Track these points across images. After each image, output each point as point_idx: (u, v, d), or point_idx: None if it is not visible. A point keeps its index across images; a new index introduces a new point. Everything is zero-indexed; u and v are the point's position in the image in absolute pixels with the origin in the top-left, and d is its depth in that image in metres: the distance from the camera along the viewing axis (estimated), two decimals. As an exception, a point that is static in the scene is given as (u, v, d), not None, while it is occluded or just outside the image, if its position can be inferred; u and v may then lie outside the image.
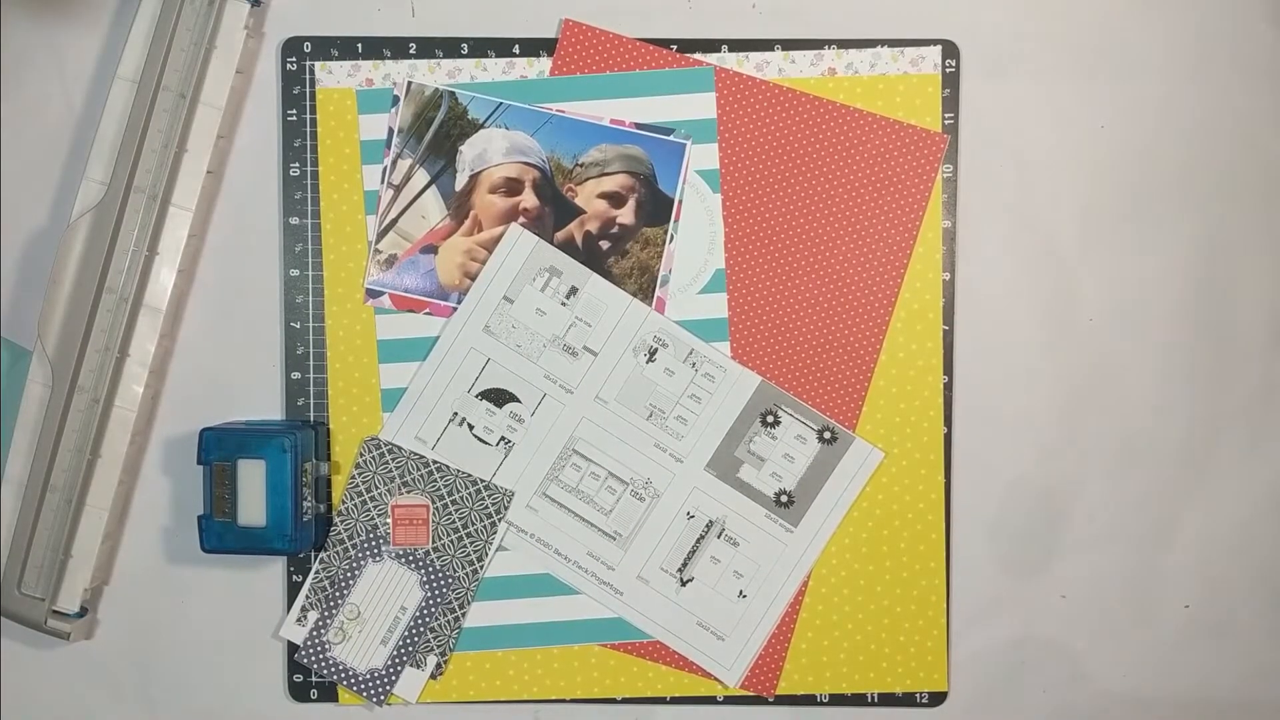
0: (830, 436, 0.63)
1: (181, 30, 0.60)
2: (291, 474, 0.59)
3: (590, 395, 0.63)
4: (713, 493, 0.63)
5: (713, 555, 0.63)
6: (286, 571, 0.64)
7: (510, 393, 0.63)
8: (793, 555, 0.63)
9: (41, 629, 0.61)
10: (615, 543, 0.63)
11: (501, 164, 0.63)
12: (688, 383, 0.63)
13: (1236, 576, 0.65)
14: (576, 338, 0.63)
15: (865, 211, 0.63)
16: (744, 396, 0.63)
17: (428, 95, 0.63)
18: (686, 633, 0.63)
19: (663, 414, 0.63)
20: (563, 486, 0.63)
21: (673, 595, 0.63)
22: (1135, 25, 0.64)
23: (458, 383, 0.63)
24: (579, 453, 0.63)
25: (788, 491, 0.63)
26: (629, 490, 0.63)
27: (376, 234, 0.63)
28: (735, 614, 0.63)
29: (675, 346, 0.63)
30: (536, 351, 0.63)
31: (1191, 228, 0.64)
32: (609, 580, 0.63)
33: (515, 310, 0.63)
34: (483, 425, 0.63)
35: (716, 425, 0.63)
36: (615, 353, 0.63)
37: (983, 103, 0.63)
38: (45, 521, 0.61)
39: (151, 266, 0.61)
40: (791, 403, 0.63)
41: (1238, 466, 0.64)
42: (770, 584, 0.63)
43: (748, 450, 0.63)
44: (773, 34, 0.63)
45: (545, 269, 0.63)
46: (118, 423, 0.61)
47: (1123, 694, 0.65)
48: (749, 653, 0.63)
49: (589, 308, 0.63)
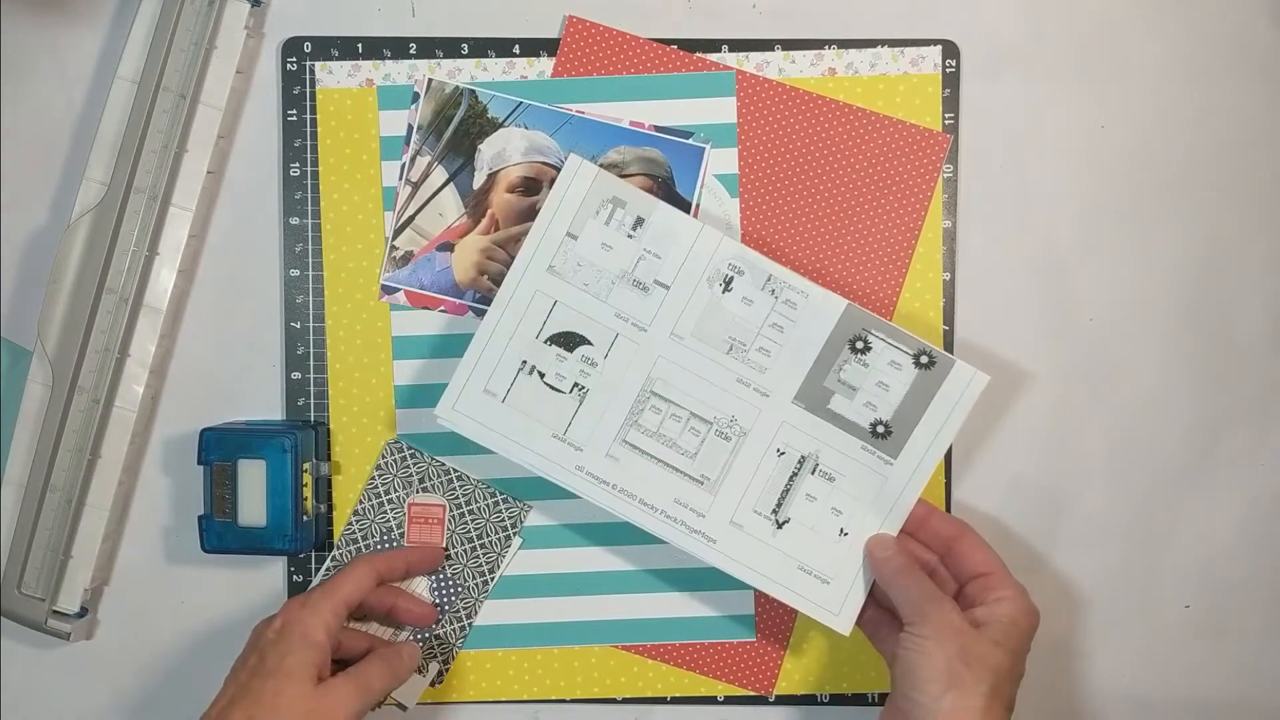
0: (927, 361, 0.59)
1: (181, 30, 0.60)
2: (292, 474, 0.59)
3: (665, 332, 0.59)
4: (803, 427, 0.59)
5: (808, 493, 0.59)
6: (287, 571, 0.64)
7: (580, 335, 0.59)
8: (894, 488, 0.59)
9: (41, 629, 0.61)
10: (703, 487, 0.60)
11: (520, 163, 0.63)
12: (768, 311, 0.59)
13: (1236, 576, 0.65)
14: (646, 271, 0.59)
15: (869, 212, 0.63)
16: (830, 322, 0.59)
17: (448, 93, 0.63)
18: (788, 578, 0.59)
19: (743, 346, 0.59)
20: (643, 431, 0.60)
21: (769, 539, 0.59)
22: (1135, 25, 0.64)
23: (525, 329, 0.59)
24: (658, 394, 0.60)
25: (884, 421, 0.59)
26: (713, 430, 0.60)
27: (393, 230, 0.63)
28: (838, 555, 0.59)
29: (752, 273, 0.59)
30: (605, 289, 0.59)
31: (1191, 228, 0.64)
32: (700, 528, 0.59)
33: (579, 247, 0.59)
34: (554, 372, 0.59)
35: (802, 355, 0.59)
36: (688, 285, 0.59)
37: (983, 103, 0.63)
38: (45, 521, 0.61)
39: (151, 266, 0.61)
40: (882, 326, 0.59)
41: (1238, 466, 0.64)
42: (872, 520, 0.59)
43: (838, 380, 0.59)
44: (773, 34, 0.63)
45: (608, 200, 0.59)
46: (118, 423, 0.61)
47: (1123, 694, 0.65)
48: (856, 596, 0.59)
49: (657, 238, 0.59)
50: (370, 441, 0.63)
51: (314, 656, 0.54)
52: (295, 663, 0.53)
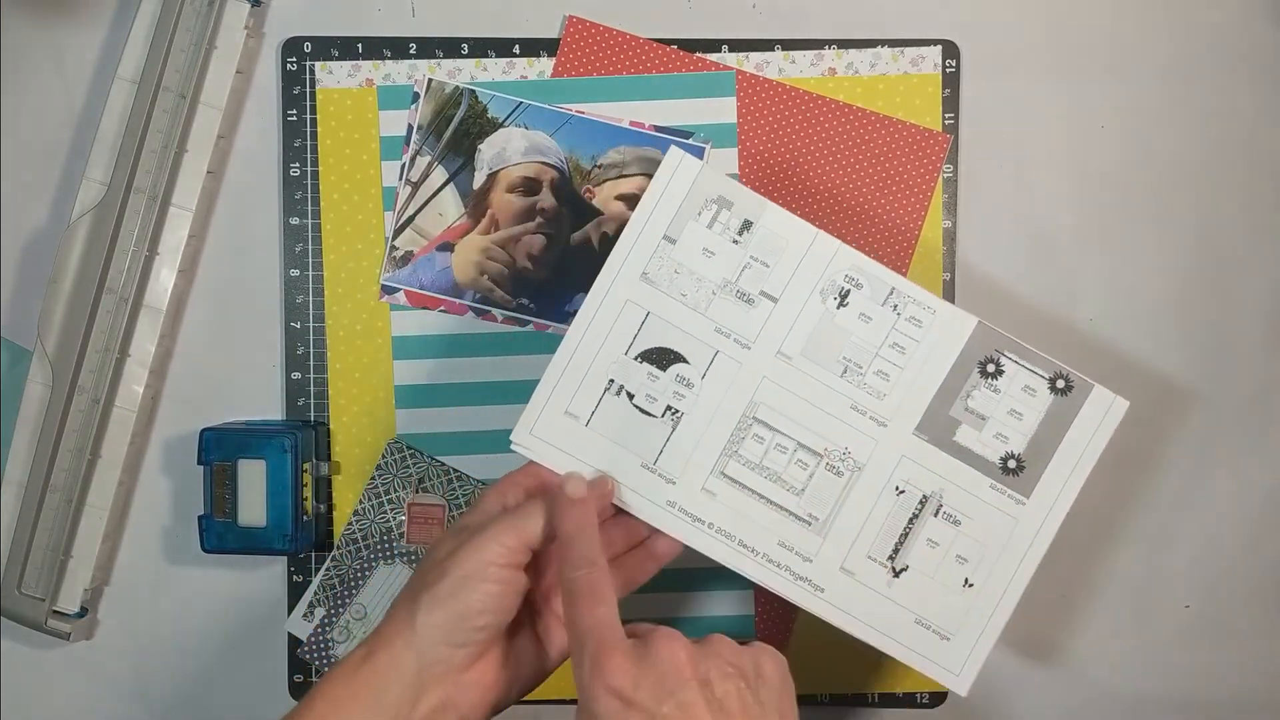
0: (1064, 385, 0.53)
1: (181, 30, 0.60)
2: (291, 474, 0.59)
3: (771, 350, 0.53)
4: (925, 461, 0.53)
5: (929, 538, 0.53)
6: (287, 571, 0.64)
7: (676, 352, 0.54)
8: (1026, 532, 0.53)
9: (41, 629, 0.61)
10: (811, 528, 0.53)
11: (520, 163, 0.63)
12: (889, 329, 0.53)
13: (1236, 576, 0.65)
14: (752, 281, 0.54)
15: (870, 212, 0.63)
16: (959, 343, 0.53)
17: (448, 93, 0.63)
18: (903, 633, 0.53)
19: (859, 369, 0.53)
20: (744, 463, 0.53)
21: (884, 589, 0.53)
22: (1135, 25, 0.64)
23: (613, 343, 0.54)
24: (761, 420, 0.53)
25: (1016, 455, 0.54)
26: (823, 464, 0.53)
27: (393, 230, 0.63)
28: (961, 607, 0.53)
29: (872, 286, 0.54)
30: (705, 300, 0.54)
31: (1191, 228, 0.64)
32: (806, 574, 0.53)
33: (678, 252, 0.54)
34: (644, 393, 0.54)
35: (926, 380, 0.53)
36: (799, 297, 0.53)
37: (983, 103, 0.63)
38: (45, 521, 0.61)
39: (151, 266, 0.61)
40: (1015, 347, 0.54)
41: (1238, 466, 0.64)
42: (1002, 569, 0.53)
43: (965, 408, 0.53)
44: (773, 34, 0.63)
45: (712, 200, 0.54)
46: (118, 423, 0.61)
47: (1123, 694, 0.65)
48: (980, 653, 0.54)
49: (766, 244, 0.53)
50: (370, 441, 0.63)
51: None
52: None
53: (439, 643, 0.48)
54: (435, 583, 0.48)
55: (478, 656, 0.49)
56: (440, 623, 0.48)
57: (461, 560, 0.48)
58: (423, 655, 0.47)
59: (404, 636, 0.48)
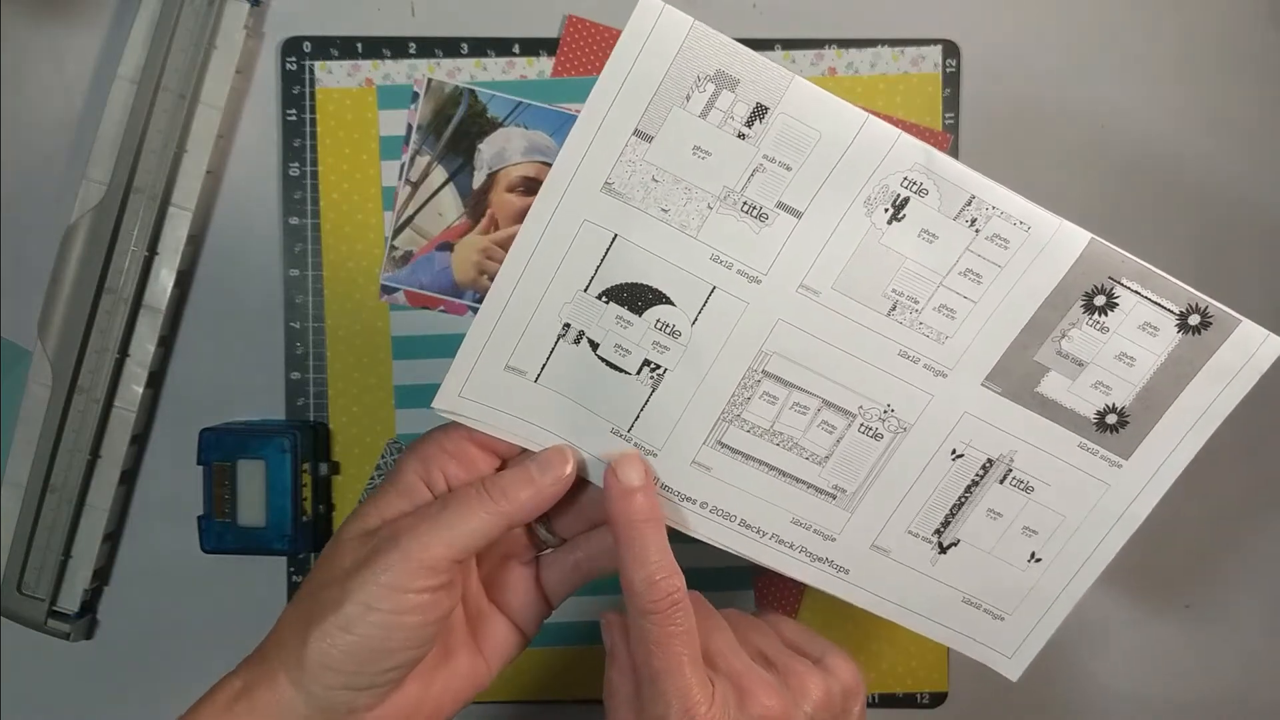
0: (1198, 322, 0.43)
1: (181, 30, 0.60)
2: (291, 474, 0.59)
3: (791, 284, 0.41)
4: (995, 418, 0.43)
5: (991, 508, 0.44)
6: (287, 572, 0.64)
7: (655, 290, 0.41)
8: (1119, 499, 0.44)
9: (41, 629, 0.61)
10: (835, 502, 0.44)
11: (520, 163, 0.63)
12: (961, 251, 0.41)
13: (1236, 576, 0.65)
14: (766, 190, 0.40)
15: (865, 211, 0.63)
16: (1060, 268, 0.41)
17: (448, 92, 0.63)
18: (946, 613, 0.45)
19: (914, 305, 0.41)
20: (749, 429, 0.43)
21: (926, 567, 0.45)
22: (1134, 25, 0.64)
23: (566, 277, 0.41)
24: (773, 374, 0.42)
25: (1118, 408, 0.43)
26: (856, 425, 0.43)
27: (393, 230, 0.63)
28: (1022, 584, 0.45)
29: (943, 191, 0.40)
30: (697, 218, 0.40)
31: (1191, 228, 0.64)
32: (827, 555, 0.44)
33: (656, 153, 0.39)
34: (612, 343, 0.41)
35: (1007, 316, 0.42)
36: (834, 210, 0.40)
37: (983, 103, 0.63)
38: (45, 521, 0.61)
39: (151, 266, 0.61)
40: (1139, 272, 0.42)
41: (1237, 465, 0.64)
42: (1080, 542, 0.45)
43: (1056, 351, 0.42)
44: (773, 34, 0.63)
45: (708, 77, 0.38)
46: (118, 423, 0.61)
47: (1123, 694, 0.65)
48: (1041, 635, 0.46)
49: (787, 138, 0.39)
50: (370, 441, 0.63)
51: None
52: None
53: (335, 686, 0.37)
54: (332, 609, 0.37)
55: (388, 694, 0.39)
56: (336, 664, 0.37)
57: (367, 581, 0.37)
58: (315, 698, 0.37)
59: (289, 672, 0.37)
